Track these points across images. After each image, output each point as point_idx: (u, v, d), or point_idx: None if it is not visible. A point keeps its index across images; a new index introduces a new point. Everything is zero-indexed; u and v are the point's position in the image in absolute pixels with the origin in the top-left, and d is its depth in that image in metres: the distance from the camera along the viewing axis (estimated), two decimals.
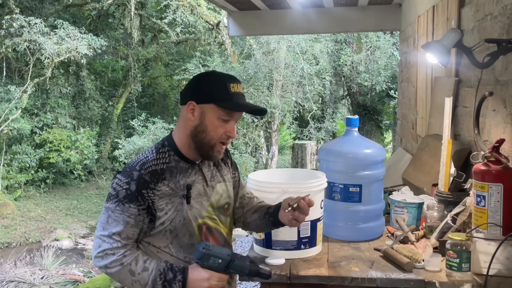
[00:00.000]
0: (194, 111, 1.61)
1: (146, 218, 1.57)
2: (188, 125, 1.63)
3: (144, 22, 14.47)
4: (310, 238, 1.92)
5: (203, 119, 1.61)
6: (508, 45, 1.90)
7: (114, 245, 1.53)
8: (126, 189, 1.55)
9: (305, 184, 1.92)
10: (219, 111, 1.60)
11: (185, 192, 1.62)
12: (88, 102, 14.10)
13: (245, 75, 12.33)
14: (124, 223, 1.54)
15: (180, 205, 1.61)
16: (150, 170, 1.58)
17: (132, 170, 1.57)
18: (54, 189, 13.10)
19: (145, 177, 1.56)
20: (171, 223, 1.59)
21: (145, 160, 1.61)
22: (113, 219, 1.55)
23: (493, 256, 1.58)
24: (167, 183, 1.59)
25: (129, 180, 1.56)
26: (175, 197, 1.60)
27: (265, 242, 1.93)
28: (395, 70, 11.81)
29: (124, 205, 1.55)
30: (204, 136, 1.62)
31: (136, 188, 1.55)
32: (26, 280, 6.72)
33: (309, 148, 11.65)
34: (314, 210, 1.93)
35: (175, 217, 1.60)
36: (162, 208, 1.58)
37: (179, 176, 1.62)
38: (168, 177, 1.60)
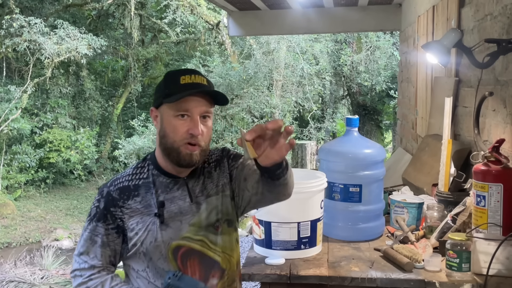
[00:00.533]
0: (157, 117, 1.49)
1: (117, 238, 1.46)
2: (157, 134, 1.49)
3: (144, 22, 14.47)
4: (310, 238, 1.92)
5: (162, 123, 1.46)
6: (508, 45, 1.90)
7: (81, 265, 1.45)
8: (97, 207, 1.47)
9: (305, 184, 1.92)
10: (171, 108, 1.43)
11: (156, 210, 1.45)
12: (88, 102, 14.10)
13: (245, 75, 12.33)
14: (92, 242, 1.45)
15: (152, 225, 1.44)
16: (120, 186, 1.47)
17: (103, 187, 1.49)
18: (54, 189, 13.09)
19: (113, 194, 1.46)
20: (142, 245, 1.45)
21: (118, 175, 1.51)
22: (84, 238, 1.47)
23: (493, 256, 1.58)
24: (140, 200, 1.46)
25: (99, 197, 1.48)
26: (147, 216, 1.45)
27: (265, 242, 1.93)
28: (395, 70, 11.81)
29: (93, 224, 1.46)
30: (166, 141, 1.44)
31: (104, 206, 1.45)
32: (26, 280, 6.71)
33: (309, 148, 11.64)
34: (314, 210, 1.93)
35: (146, 238, 1.44)
36: (133, 228, 1.45)
37: (158, 192, 1.47)
38: (142, 193, 1.46)
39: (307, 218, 1.91)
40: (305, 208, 1.91)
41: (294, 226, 1.89)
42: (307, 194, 1.90)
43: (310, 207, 1.92)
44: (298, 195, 1.87)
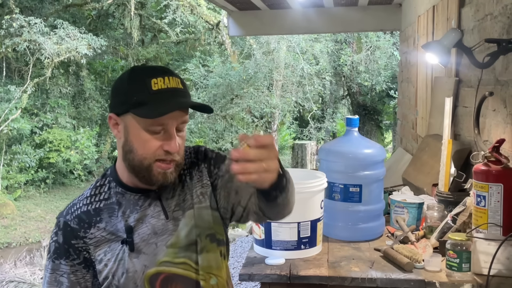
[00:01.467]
0: (118, 125, 1.21)
1: (86, 273, 1.23)
2: (118, 145, 1.23)
3: (144, 22, 14.47)
4: (310, 238, 1.92)
5: (127, 134, 1.19)
6: (508, 45, 1.90)
7: None
8: (55, 241, 1.23)
9: (305, 184, 1.92)
10: (139, 120, 1.16)
11: (124, 235, 1.22)
12: (88, 102, 14.10)
13: (245, 75, 12.34)
14: (58, 284, 1.22)
15: (122, 253, 1.22)
16: (77, 213, 1.23)
17: (59, 217, 1.25)
18: (54, 189, 13.09)
19: (71, 224, 1.22)
20: (114, 277, 1.22)
21: (75, 201, 1.27)
22: (46, 281, 1.24)
23: (494, 256, 1.57)
24: (104, 226, 1.22)
25: (56, 230, 1.23)
26: (115, 243, 1.22)
27: (265, 242, 1.93)
28: (395, 70, 11.81)
29: (54, 262, 1.22)
30: (133, 157, 1.19)
31: (64, 240, 1.22)
32: (26, 280, 6.71)
33: (309, 148, 11.65)
34: (314, 210, 1.93)
35: (117, 269, 1.22)
36: (101, 259, 1.22)
37: (126, 213, 1.23)
38: (105, 218, 1.23)
39: (307, 218, 1.90)
40: (305, 208, 1.90)
41: (294, 226, 1.89)
42: (307, 194, 1.90)
43: (310, 207, 1.92)
44: (298, 195, 1.87)
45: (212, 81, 12.69)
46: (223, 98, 12.63)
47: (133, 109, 1.16)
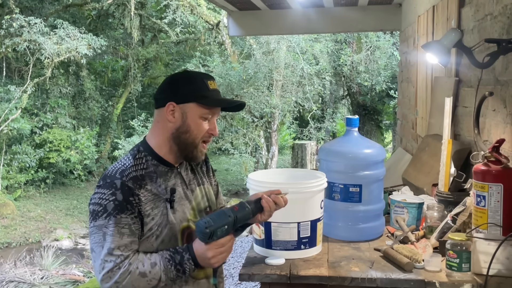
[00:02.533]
0: (174, 112, 1.57)
1: (139, 224, 1.52)
2: (168, 127, 1.59)
3: (144, 22, 14.47)
4: (310, 238, 1.92)
5: (185, 119, 1.58)
6: (508, 45, 1.90)
7: (117, 260, 1.46)
8: (113, 200, 1.48)
9: (305, 184, 1.92)
10: (200, 109, 1.58)
11: (168, 196, 1.57)
12: (88, 102, 14.10)
13: (245, 75, 12.34)
14: (120, 235, 1.47)
15: (165, 209, 1.56)
16: (131, 176, 1.53)
17: (113, 180, 1.51)
18: (54, 189, 13.10)
19: (128, 183, 1.50)
20: (158, 228, 1.54)
21: (123, 167, 1.55)
22: (109, 235, 1.47)
23: (493, 256, 1.57)
24: (150, 188, 1.55)
25: (113, 190, 1.49)
26: (159, 202, 1.56)
27: (265, 242, 1.93)
28: (395, 70, 11.81)
29: (116, 217, 1.47)
30: (188, 136, 1.59)
31: (123, 197, 1.49)
32: (26, 280, 6.72)
33: (309, 148, 11.65)
34: (314, 210, 1.93)
35: (162, 221, 1.55)
36: (149, 214, 1.53)
37: (160, 180, 1.58)
38: (149, 182, 1.55)
39: (307, 218, 1.90)
40: (305, 208, 1.90)
41: (294, 226, 1.89)
42: (307, 194, 1.90)
43: (310, 207, 1.92)
44: (298, 195, 1.87)
45: None
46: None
47: (198, 100, 1.57)
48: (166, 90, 1.60)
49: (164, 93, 1.60)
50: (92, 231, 1.50)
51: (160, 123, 1.60)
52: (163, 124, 1.59)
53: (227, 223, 1.50)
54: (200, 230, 1.48)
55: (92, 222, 1.50)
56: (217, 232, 1.49)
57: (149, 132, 1.65)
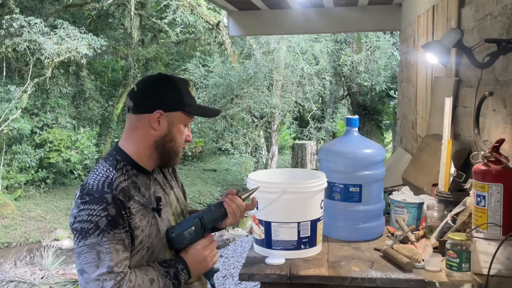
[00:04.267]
0: (160, 120, 1.52)
1: (129, 239, 1.46)
2: (151, 134, 1.53)
3: (144, 22, 14.47)
4: (310, 238, 1.92)
5: (171, 127, 1.54)
6: (508, 45, 1.90)
7: (118, 278, 1.39)
8: (106, 216, 1.40)
9: (305, 184, 1.92)
10: (185, 117, 1.56)
11: (155, 204, 1.53)
12: (88, 102, 14.10)
13: (245, 75, 12.34)
14: (116, 252, 1.40)
15: (153, 219, 1.52)
16: (120, 188, 1.46)
17: (103, 195, 1.42)
18: (54, 189, 13.10)
19: (119, 196, 1.44)
20: (148, 240, 1.49)
21: (109, 180, 1.46)
22: (105, 252, 1.39)
23: (494, 256, 1.58)
24: (137, 199, 1.49)
25: (104, 205, 1.41)
26: (146, 212, 1.50)
27: (265, 242, 1.93)
28: (395, 70, 11.81)
29: (110, 233, 1.40)
30: (173, 145, 1.56)
31: (116, 212, 1.42)
32: (26, 280, 6.71)
33: (309, 148, 11.66)
34: (314, 210, 1.93)
35: (151, 232, 1.50)
36: (138, 226, 1.47)
37: (142, 189, 1.53)
38: (134, 193, 1.49)
39: (307, 218, 1.90)
40: (305, 208, 1.91)
41: (294, 226, 1.89)
42: (307, 194, 1.90)
43: (310, 207, 1.92)
44: (298, 195, 1.88)
45: (212, 81, 12.69)
46: (223, 98, 12.63)
47: (186, 109, 1.55)
48: (151, 96, 1.53)
49: (148, 99, 1.53)
50: (82, 251, 1.40)
51: (140, 129, 1.53)
52: (144, 131, 1.53)
53: (193, 224, 1.55)
54: (169, 238, 1.53)
55: (82, 241, 1.40)
56: (185, 235, 1.53)
57: (123, 139, 1.57)
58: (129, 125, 1.56)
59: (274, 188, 1.88)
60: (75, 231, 1.43)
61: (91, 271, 1.38)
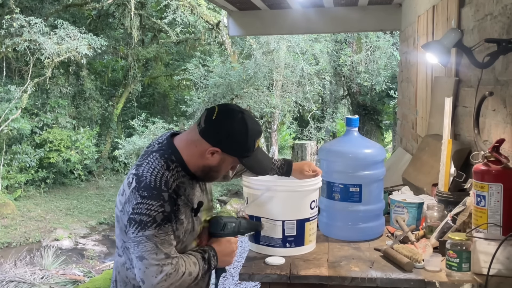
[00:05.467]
0: (214, 154, 1.64)
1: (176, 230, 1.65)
2: (203, 159, 1.65)
3: (144, 22, 14.47)
4: (296, 237, 1.92)
5: (221, 163, 1.66)
6: (508, 45, 1.90)
7: (173, 262, 1.58)
8: (162, 211, 1.56)
9: (294, 183, 1.95)
10: (237, 162, 1.69)
11: (194, 206, 1.69)
12: (88, 102, 14.10)
13: (245, 75, 12.33)
14: (170, 241, 1.59)
15: (191, 218, 1.68)
16: (174, 187, 1.62)
17: (160, 192, 1.58)
18: (54, 189, 13.09)
19: (173, 195, 1.60)
20: (184, 234, 1.67)
21: (165, 178, 1.61)
22: (160, 243, 1.56)
23: (493, 256, 1.58)
24: (183, 198, 1.65)
25: (161, 202, 1.56)
26: (188, 210, 1.67)
27: (254, 236, 1.98)
28: (395, 70, 11.81)
29: (165, 226, 1.57)
30: (214, 175, 1.71)
31: (171, 209, 1.58)
32: (26, 280, 6.71)
33: (309, 148, 11.66)
34: (302, 210, 1.93)
35: (188, 228, 1.67)
36: (182, 221, 1.64)
37: (188, 189, 1.67)
38: (181, 192, 1.65)
39: (293, 217, 1.91)
40: (291, 207, 1.91)
41: (279, 224, 1.90)
42: (295, 193, 1.91)
43: (297, 207, 1.92)
44: (284, 194, 1.91)
45: (212, 81, 12.69)
46: (223, 98, 12.63)
47: (242, 159, 1.67)
48: (220, 132, 1.62)
49: (216, 134, 1.62)
50: (141, 240, 1.56)
51: (198, 150, 1.64)
52: (200, 154, 1.65)
53: (235, 221, 1.79)
54: (216, 221, 1.76)
55: (141, 232, 1.55)
56: (227, 225, 1.76)
57: (183, 144, 1.67)
58: (192, 137, 1.67)
59: (260, 185, 1.94)
60: (134, 221, 1.56)
61: (151, 257, 1.55)
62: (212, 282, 1.87)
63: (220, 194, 13.19)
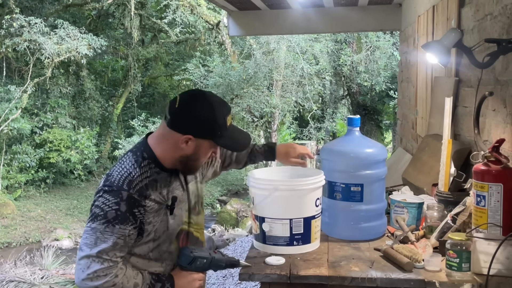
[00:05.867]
0: (188, 142, 1.60)
1: (135, 234, 1.57)
2: (178, 150, 1.61)
3: (144, 22, 14.48)
4: (304, 235, 1.92)
5: (197, 150, 1.62)
6: (508, 45, 1.90)
7: (105, 264, 1.50)
8: (116, 210, 1.51)
9: (297, 181, 1.95)
10: (214, 145, 1.64)
11: (169, 203, 1.63)
12: (88, 102, 14.11)
13: (245, 75, 12.34)
14: (114, 244, 1.51)
15: (164, 216, 1.63)
16: (138, 188, 1.56)
17: (120, 190, 1.53)
18: (54, 189, 13.10)
19: (134, 196, 1.54)
20: (156, 234, 1.62)
21: (130, 177, 1.57)
22: (102, 240, 1.51)
23: (493, 256, 1.58)
24: (153, 197, 1.59)
25: (118, 200, 1.52)
26: (161, 209, 1.61)
27: (260, 236, 1.96)
28: (395, 71, 11.81)
29: (114, 227, 1.51)
30: (195, 163, 1.66)
31: (127, 209, 1.52)
32: (26, 280, 6.71)
33: (309, 148, 11.64)
34: (308, 208, 1.93)
35: (159, 228, 1.62)
36: (150, 222, 1.59)
37: (161, 187, 1.62)
38: (152, 191, 1.59)
39: (300, 215, 1.91)
40: (298, 205, 1.91)
41: (286, 222, 1.90)
42: (300, 191, 1.91)
43: (303, 205, 1.92)
44: (291, 193, 1.90)
45: (212, 81, 12.69)
46: (223, 98, 12.63)
47: (216, 139, 1.62)
48: (187, 119, 1.59)
49: (183, 121, 1.59)
50: (86, 231, 1.53)
51: (170, 142, 1.61)
52: (173, 146, 1.61)
53: (207, 258, 1.69)
54: (185, 253, 1.66)
55: (90, 223, 1.53)
56: (196, 261, 1.66)
57: (155, 140, 1.65)
58: (162, 131, 1.64)
59: (267, 185, 1.92)
60: (90, 212, 1.55)
61: (86, 250, 1.51)
62: None
63: (220, 194, 13.20)
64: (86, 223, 1.56)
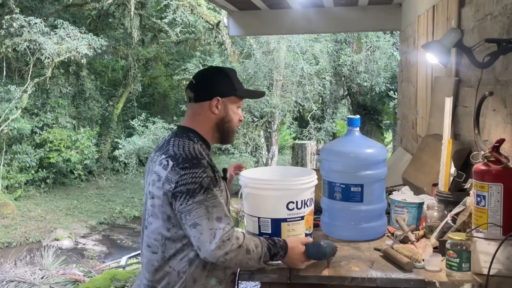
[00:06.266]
0: (218, 105, 1.80)
1: None
2: (211, 118, 1.81)
3: (144, 22, 14.47)
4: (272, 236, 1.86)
5: (227, 110, 1.82)
6: (508, 45, 1.90)
7: (226, 228, 1.61)
8: (205, 176, 1.65)
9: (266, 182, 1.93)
10: (238, 100, 1.85)
11: (222, 174, 1.83)
12: (88, 102, 14.10)
13: (245, 75, 12.33)
14: (221, 205, 1.65)
15: (224, 187, 1.78)
16: (207, 158, 1.73)
17: (199, 160, 1.68)
18: (54, 189, 13.10)
19: (209, 162, 1.72)
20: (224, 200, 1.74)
21: (199, 150, 1.72)
22: (212, 207, 1.62)
23: (494, 256, 1.58)
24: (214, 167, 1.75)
25: (203, 168, 1.66)
26: (219, 180, 1.75)
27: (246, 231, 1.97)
28: (395, 71, 11.81)
29: (213, 190, 1.65)
30: (229, 125, 1.84)
31: (212, 173, 1.69)
32: (26, 280, 6.71)
33: (309, 148, 11.67)
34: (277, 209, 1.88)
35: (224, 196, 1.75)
36: (220, 186, 1.74)
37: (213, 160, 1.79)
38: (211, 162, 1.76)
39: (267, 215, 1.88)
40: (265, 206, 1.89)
41: (255, 220, 1.90)
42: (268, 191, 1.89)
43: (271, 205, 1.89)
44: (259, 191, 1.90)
45: None
46: None
47: (238, 93, 1.84)
48: (208, 86, 1.81)
49: (206, 90, 1.81)
50: (192, 207, 1.62)
51: (201, 115, 1.81)
52: (205, 116, 1.81)
53: (326, 253, 1.78)
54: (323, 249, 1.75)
55: (191, 200, 1.62)
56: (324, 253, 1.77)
57: (189, 121, 1.82)
58: (191, 113, 1.84)
59: (241, 181, 1.97)
60: (180, 193, 1.63)
61: (204, 222, 1.61)
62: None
63: None
64: (181, 204, 1.63)
